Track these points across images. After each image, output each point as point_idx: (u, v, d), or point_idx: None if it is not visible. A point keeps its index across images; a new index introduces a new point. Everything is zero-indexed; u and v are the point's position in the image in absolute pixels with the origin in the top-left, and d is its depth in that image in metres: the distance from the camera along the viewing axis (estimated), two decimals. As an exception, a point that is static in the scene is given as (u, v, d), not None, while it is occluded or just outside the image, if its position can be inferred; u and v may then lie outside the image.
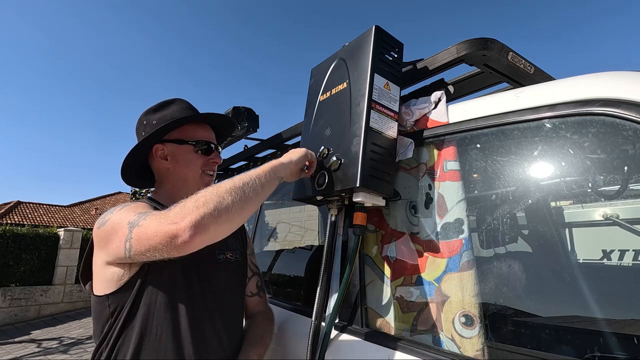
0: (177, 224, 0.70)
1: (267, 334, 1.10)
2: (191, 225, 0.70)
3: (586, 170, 1.09)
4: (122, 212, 0.85)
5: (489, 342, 0.81)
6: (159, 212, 0.78)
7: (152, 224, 0.74)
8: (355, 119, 0.96)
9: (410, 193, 1.02)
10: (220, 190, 0.77)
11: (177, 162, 1.04)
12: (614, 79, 0.72)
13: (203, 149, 1.06)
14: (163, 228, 0.71)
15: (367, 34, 1.02)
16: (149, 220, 0.76)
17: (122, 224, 0.81)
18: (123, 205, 0.90)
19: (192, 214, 0.71)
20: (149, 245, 0.73)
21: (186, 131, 1.05)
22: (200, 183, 1.05)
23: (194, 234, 0.70)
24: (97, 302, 0.90)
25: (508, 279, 1.07)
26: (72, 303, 8.10)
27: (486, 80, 1.16)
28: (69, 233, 8.13)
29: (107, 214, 0.89)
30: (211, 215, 0.72)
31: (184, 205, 0.74)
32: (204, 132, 1.08)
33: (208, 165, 1.06)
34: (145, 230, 0.74)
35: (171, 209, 0.76)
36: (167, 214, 0.75)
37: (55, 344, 5.54)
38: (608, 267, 1.86)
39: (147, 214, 0.80)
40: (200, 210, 0.72)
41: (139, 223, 0.77)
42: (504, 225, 1.27)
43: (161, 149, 1.04)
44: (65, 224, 17.62)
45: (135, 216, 0.80)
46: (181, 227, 0.70)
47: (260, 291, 1.19)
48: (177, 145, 1.04)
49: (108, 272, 0.87)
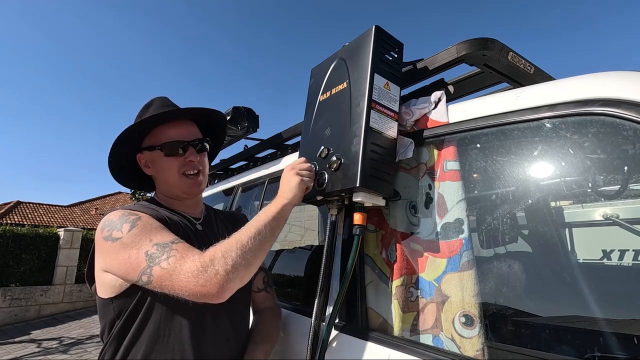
0: (205, 287, 0.75)
1: (273, 331, 1.09)
2: (220, 291, 0.76)
3: (586, 170, 1.09)
4: (134, 235, 0.83)
5: (489, 342, 0.81)
6: (181, 257, 0.78)
7: (180, 276, 0.76)
8: (355, 119, 0.96)
9: (410, 193, 1.02)
10: (246, 250, 0.81)
11: (157, 169, 1.02)
12: (614, 78, 0.72)
13: (172, 150, 0.99)
14: (192, 288, 0.75)
15: (367, 33, 1.02)
16: (175, 266, 0.77)
17: (137, 253, 0.80)
18: (130, 222, 0.86)
19: (221, 279, 0.75)
20: (173, 290, 0.77)
21: (155, 135, 1.01)
22: (182, 186, 1.01)
23: (221, 295, 0.77)
24: (101, 304, 0.90)
25: (508, 279, 1.07)
26: (72, 303, 8.10)
27: (486, 80, 1.16)
28: (69, 233, 8.13)
29: (115, 230, 0.85)
30: (238, 278, 0.79)
31: (213, 264, 0.76)
32: (174, 130, 1.01)
33: (186, 166, 1.00)
34: (171, 277, 0.77)
35: (198, 258, 0.77)
36: (195, 270, 0.76)
37: (55, 344, 5.53)
38: (608, 267, 1.86)
39: (167, 248, 0.80)
40: (229, 275, 0.77)
41: (161, 262, 0.78)
42: (504, 225, 1.27)
43: (142, 158, 1.03)
44: (65, 224, 17.62)
45: (153, 248, 0.80)
46: (211, 292, 0.75)
47: (267, 287, 1.18)
48: (149, 152, 1.01)
49: (108, 278, 0.87)
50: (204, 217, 1.09)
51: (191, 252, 0.80)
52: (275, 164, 1.76)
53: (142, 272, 0.79)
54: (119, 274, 0.84)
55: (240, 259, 0.78)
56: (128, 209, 0.92)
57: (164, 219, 0.93)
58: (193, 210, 1.07)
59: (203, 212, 1.11)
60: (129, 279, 0.82)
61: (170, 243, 0.82)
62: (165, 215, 0.95)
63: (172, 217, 0.97)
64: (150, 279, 0.78)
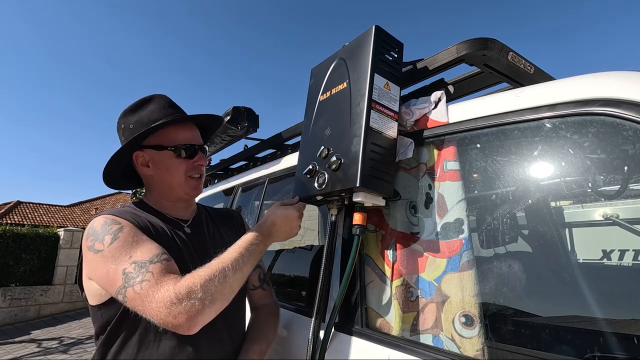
0: (177, 319, 0.73)
1: (269, 329, 1.08)
2: (192, 324, 0.74)
3: (586, 170, 1.09)
4: (115, 249, 0.81)
5: (489, 342, 0.81)
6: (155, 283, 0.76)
7: (151, 303, 0.74)
8: (355, 119, 0.96)
9: (410, 193, 1.02)
10: (226, 284, 0.79)
11: (159, 169, 0.98)
12: (614, 78, 0.72)
13: (185, 153, 0.99)
14: (163, 317, 0.74)
15: (367, 33, 1.02)
16: (147, 292, 0.75)
17: (116, 270, 0.79)
18: (112, 233, 0.84)
19: (194, 312, 0.74)
20: (144, 314, 0.76)
21: (165, 135, 0.98)
22: (186, 187, 1.00)
23: (192, 328, 0.75)
24: (92, 310, 0.90)
25: (508, 279, 1.07)
26: (72, 303, 8.10)
27: (486, 80, 1.16)
28: (69, 233, 8.13)
29: (97, 241, 0.83)
30: (213, 312, 0.77)
31: (189, 296, 0.74)
32: (185, 133, 1.01)
33: (193, 169, 1.00)
34: (143, 303, 0.75)
35: (172, 287, 0.75)
36: (168, 301, 0.74)
37: (55, 344, 5.53)
38: (608, 267, 1.86)
39: (144, 269, 0.78)
40: (205, 310, 0.75)
41: (134, 286, 0.76)
42: (504, 225, 1.27)
43: (141, 155, 0.99)
44: (65, 224, 17.62)
45: (130, 266, 0.78)
46: (182, 324, 0.73)
47: (263, 284, 1.16)
48: (156, 151, 0.98)
49: (93, 287, 0.87)
50: (193, 218, 1.06)
51: (166, 278, 0.77)
52: (275, 164, 1.76)
53: (117, 292, 0.78)
54: (100, 285, 0.83)
55: (217, 292, 0.77)
56: (112, 215, 0.89)
57: (148, 227, 0.90)
58: (184, 213, 1.05)
59: (193, 212, 1.09)
60: (109, 292, 0.82)
61: (148, 263, 0.79)
62: (150, 222, 0.93)
63: (157, 223, 0.95)
64: (125, 299, 0.77)
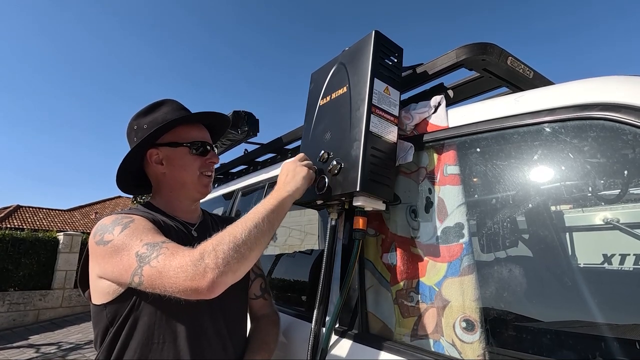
0: (195, 281, 0.71)
1: (271, 339, 1.07)
2: (211, 285, 0.71)
3: (586, 175, 1.09)
4: (125, 237, 0.82)
5: (490, 347, 0.81)
6: (171, 254, 0.76)
7: (169, 272, 0.73)
8: (356, 123, 0.96)
9: (410, 197, 1.02)
10: (239, 243, 0.77)
11: (173, 166, 1.01)
12: (613, 83, 0.72)
13: (199, 150, 1.03)
14: (181, 283, 0.71)
15: (366, 38, 1.03)
16: (164, 263, 0.74)
17: (128, 254, 0.79)
18: (123, 224, 0.85)
19: (212, 272, 0.71)
20: (164, 289, 0.74)
21: (179, 133, 1.02)
22: (198, 185, 1.03)
23: (213, 290, 0.72)
24: (95, 311, 0.89)
25: (509, 283, 1.06)
26: (71, 308, 8.06)
27: (485, 85, 1.16)
28: (68, 237, 8.11)
29: (107, 233, 0.84)
30: (230, 272, 0.74)
31: (203, 257, 0.73)
32: (198, 132, 1.05)
33: (206, 167, 1.04)
34: (161, 275, 0.74)
35: (188, 254, 0.74)
36: (184, 265, 0.72)
37: (53, 349, 5.50)
38: (609, 271, 1.86)
39: (157, 247, 0.78)
40: (220, 269, 0.72)
41: (150, 262, 0.75)
42: (504, 230, 1.26)
43: (155, 153, 1.01)
44: (64, 228, 17.59)
45: (143, 248, 0.78)
46: (201, 286, 0.71)
47: (264, 293, 1.16)
48: (171, 148, 1.01)
49: (103, 284, 0.86)
50: (200, 223, 1.08)
51: (181, 249, 0.77)
52: (275, 168, 1.76)
53: (133, 274, 0.77)
54: (112, 277, 0.82)
55: (232, 252, 0.74)
56: (122, 213, 0.91)
57: (159, 222, 0.92)
58: (190, 216, 1.07)
59: (200, 217, 1.10)
60: (122, 282, 0.81)
61: (161, 242, 0.80)
62: (160, 219, 0.94)
63: (167, 221, 0.96)
64: (142, 280, 0.76)
